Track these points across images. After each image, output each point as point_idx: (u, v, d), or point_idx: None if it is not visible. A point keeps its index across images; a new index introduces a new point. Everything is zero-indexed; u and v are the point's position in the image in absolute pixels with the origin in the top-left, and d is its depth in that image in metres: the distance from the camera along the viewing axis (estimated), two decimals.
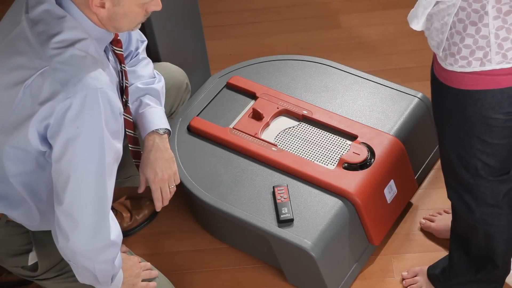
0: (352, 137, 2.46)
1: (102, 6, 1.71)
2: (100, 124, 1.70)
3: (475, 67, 1.79)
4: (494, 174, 1.97)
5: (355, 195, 2.32)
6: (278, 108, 2.54)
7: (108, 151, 1.73)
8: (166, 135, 2.08)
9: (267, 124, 2.52)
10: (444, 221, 2.47)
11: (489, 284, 2.22)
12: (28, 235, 1.93)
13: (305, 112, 2.52)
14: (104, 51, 1.86)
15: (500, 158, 1.95)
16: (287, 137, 2.49)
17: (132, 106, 2.09)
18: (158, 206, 2.08)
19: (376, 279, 2.42)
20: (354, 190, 2.32)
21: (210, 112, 2.59)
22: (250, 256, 2.49)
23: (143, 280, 2.07)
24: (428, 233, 2.51)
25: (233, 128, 2.51)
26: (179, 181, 2.11)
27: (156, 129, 2.06)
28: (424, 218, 2.51)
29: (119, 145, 1.77)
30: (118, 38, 1.93)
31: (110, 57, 1.91)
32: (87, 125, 1.69)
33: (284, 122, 2.54)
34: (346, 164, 2.38)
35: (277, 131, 2.51)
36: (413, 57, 3.04)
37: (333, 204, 2.32)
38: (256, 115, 2.53)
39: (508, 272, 2.24)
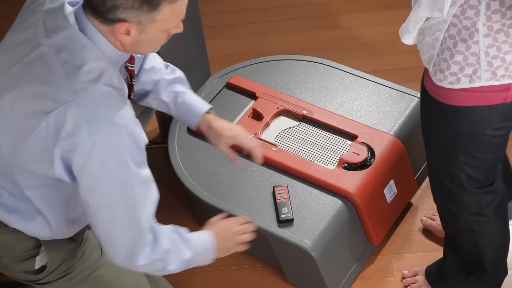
0: (352, 137, 2.46)
1: (127, 33, 1.70)
2: (125, 160, 1.69)
3: (464, 83, 1.78)
4: (478, 186, 1.98)
5: (355, 195, 2.32)
6: (278, 108, 2.54)
7: (137, 184, 1.73)
8: (214, 113, 2.16)
9: (267, 124, 2.52)
10: None
11: (483, 286, 2.22)
12: (36, 240, 1.92)
13: (305, 112, 2.52)
14: None
15: (485, 171, 1.96)
16: (287, 137, 2.49)
17: (168, 99, 2.12)
18: (258, 152, 2.14)
19: (376, 279, 2.42)
20: (354, 190, 2.32)
21: None
22: (250, 256, 2.49)
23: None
24: (428, 233, 2.51)
25: None
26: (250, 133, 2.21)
27: (207, 111, 2.13)
28: (425, 216, 2.51)
29: (146, 171, 1.76)
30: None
31: (121, 71, 1.91)
32: (113, 162, 1.68)
33: (284, 122, 2.54)
34: (346, 164, 2.38)
35: (277, 131, 2.51)
36: (413, 57, 3.04)
37: (333, 204, 2.32)
38: (256, 115, 2.53)
39: (506, 274, 2.24)
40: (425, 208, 2.57)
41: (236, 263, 2.48)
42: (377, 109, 2.56)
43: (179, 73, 2.16)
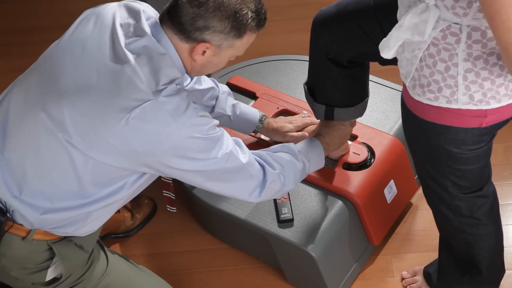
0: (352, 137, 2.46)
1: (203, 54, 1.77)
2: (211, 137, 1.78)
3: (441, 103, 1.78)
4: (465, 192, 1.98)
5: (355, 195, 2.32)
6: (278, 108, 2.54)
7: (224, 159, 1.81)
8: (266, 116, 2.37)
9: None
10: None
11: (480, 285, 2.22)
12: (50, 252, 1.90)
13: (305, 112, 2.52)
14: None
15: (471, 179, 1.96)
16: None
17: (230, 113, 2.27)
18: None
19: (376, 279, 2.42)
20: (354, 190, 2.32)
21: None
22: (250, 256, 2.49)
23: None
24: (428, 233, 2.51)
25: None
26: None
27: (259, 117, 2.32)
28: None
29: (224, 143, 1.82)
30: None
31: None
32: (200, 145, 1.77)
33: None
34: (346, 164, 2.38)
35: None
36: None
37: (333, 204, 2.32)
38: None
39: (503, 273, 2.24)
40: (425, 208, 2.56)
41: (236, 263, 2.48)
42: (377, 109, 2.56)
43: (224, 87, 2.27)
